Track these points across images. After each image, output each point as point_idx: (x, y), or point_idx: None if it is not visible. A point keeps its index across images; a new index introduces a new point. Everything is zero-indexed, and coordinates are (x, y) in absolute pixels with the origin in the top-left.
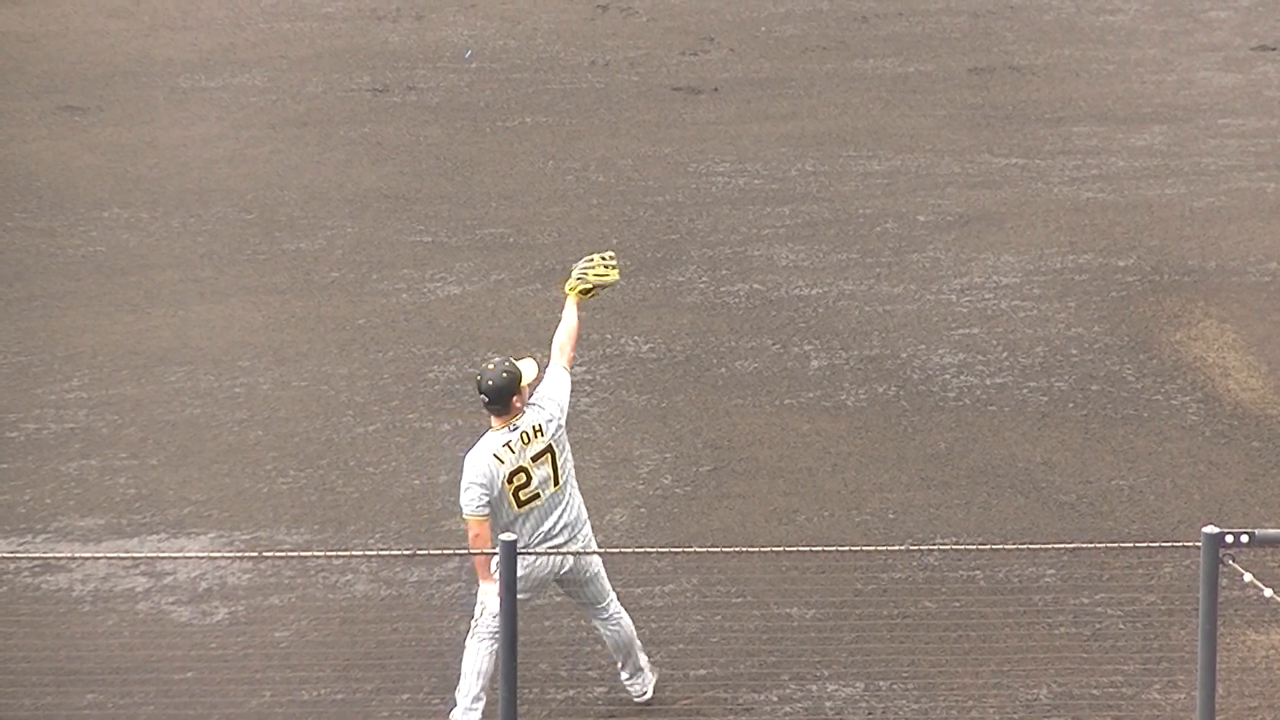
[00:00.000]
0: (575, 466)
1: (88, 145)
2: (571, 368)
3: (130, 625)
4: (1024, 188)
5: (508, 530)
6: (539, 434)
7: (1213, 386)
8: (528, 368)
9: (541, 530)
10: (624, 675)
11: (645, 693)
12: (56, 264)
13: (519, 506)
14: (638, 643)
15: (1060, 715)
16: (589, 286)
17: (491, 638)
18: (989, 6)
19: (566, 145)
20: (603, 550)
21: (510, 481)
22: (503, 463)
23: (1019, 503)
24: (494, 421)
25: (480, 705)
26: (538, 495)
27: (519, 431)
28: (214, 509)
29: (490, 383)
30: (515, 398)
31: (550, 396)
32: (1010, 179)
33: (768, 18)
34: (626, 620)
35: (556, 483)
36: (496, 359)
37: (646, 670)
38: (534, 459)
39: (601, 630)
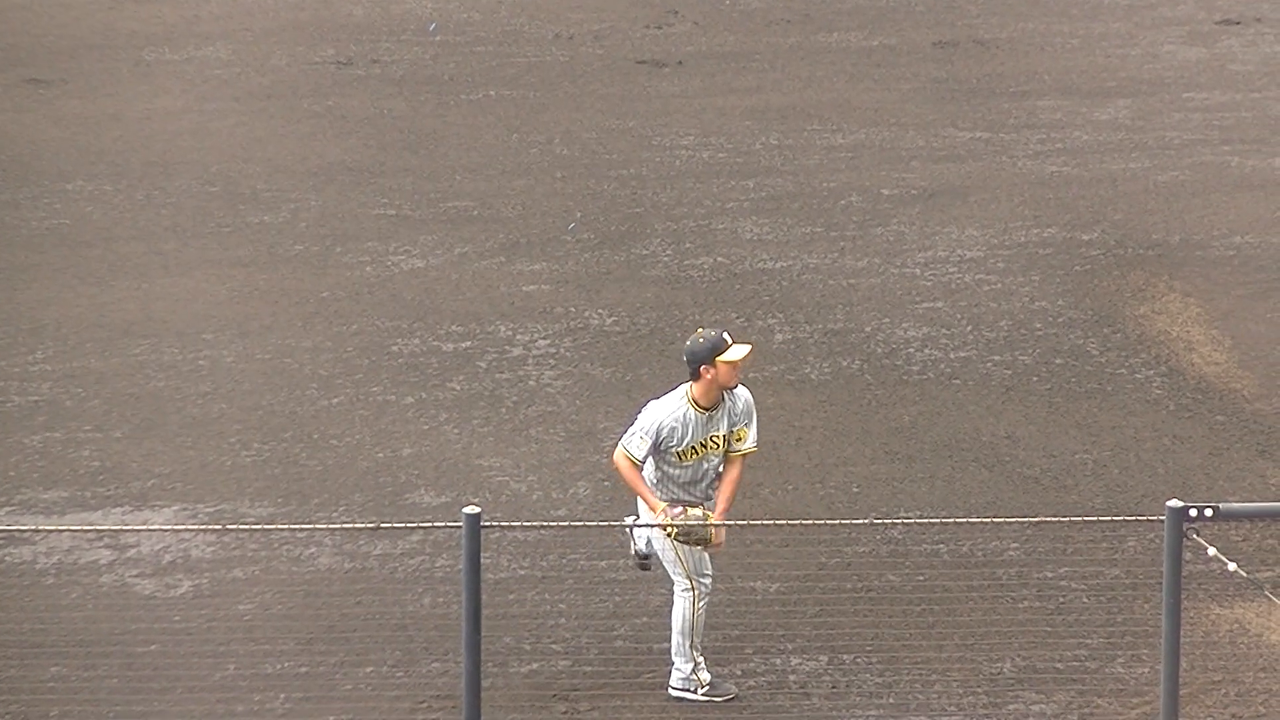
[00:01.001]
0: (539, 438)
1: (52, 118)
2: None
3: (94, 598)
4: (988, 161)
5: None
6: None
7: (1177, 360)
8: (738, 349)
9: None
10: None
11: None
12: (20, 237)
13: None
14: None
15: (1024, 689)
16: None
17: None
18: None
19: (531, 118)
20: (564, 524)
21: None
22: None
23: (983, 476)
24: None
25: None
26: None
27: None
28: (178, 482)
29: (688, 344)
30: (704, 367)
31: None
32: (975, 153)
33: None
34: (676, 608)
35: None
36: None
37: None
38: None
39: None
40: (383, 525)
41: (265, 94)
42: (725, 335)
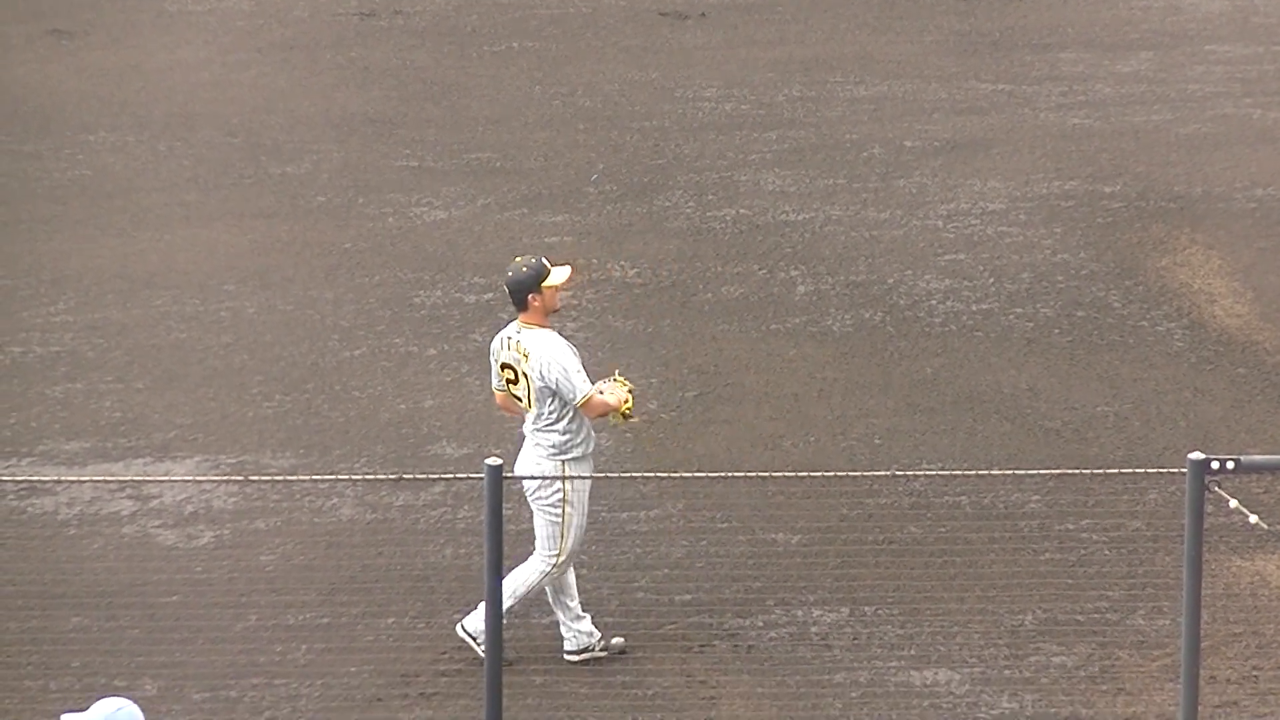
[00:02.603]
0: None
1: (74, 69)
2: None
3: (116, 549)
4: (1011, 114)
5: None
6: (525, 357)
7: (1198, 313)
8: (560, 272)
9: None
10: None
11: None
12: (42, 188)
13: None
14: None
15: (1045, 641)
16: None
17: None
18: None
19: (553, 70)
20: (589, 476)
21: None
22: (504, 348)
23: (1004, 429)
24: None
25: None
26: (520, 399)
27: (517, 341)
28: (199, 433)
29: (509, 274)
30: (532, 295)
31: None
32: (997, 105)
33: None
34: (527, 569)
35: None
36: (526, 257)
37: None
38: (505, 367)
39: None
40: (404, 477)
41: (287, 45)
42: (544, 261)
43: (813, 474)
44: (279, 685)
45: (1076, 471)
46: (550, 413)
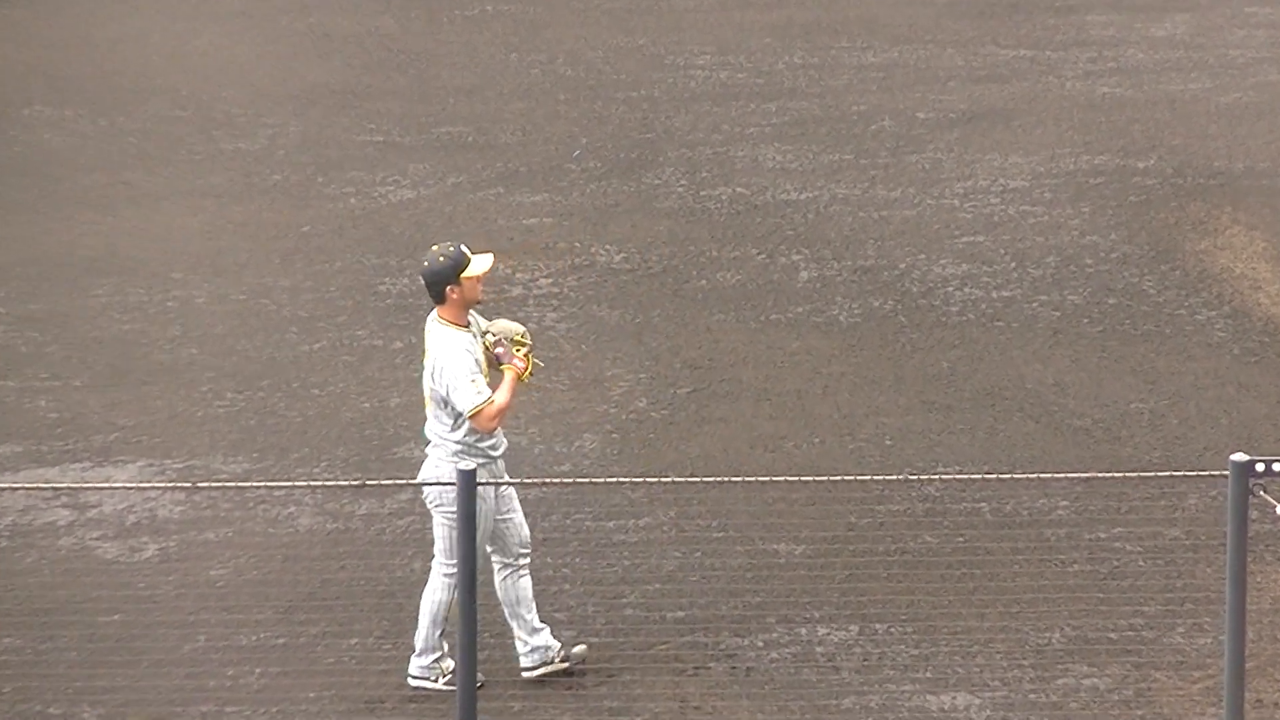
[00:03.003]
0: (540, 388)
1: (15, 40)
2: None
3: (51, 563)
4: (1034, 82)
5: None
6: (424, 354)
7: (1241, 300)
8: (481, 261)
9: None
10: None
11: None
12: None
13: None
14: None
15: (1075, 661)
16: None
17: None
18: None
19: (531, 36)
20: (572, 480)
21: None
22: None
23: (1028, 428)
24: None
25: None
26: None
27: (428, 336)
28: (144, 434)
29: (424, 264)
30: (450, 288)
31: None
32: (1019, 72)
33: None
34: (434, 593)
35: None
36: (444, 244)
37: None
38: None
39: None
40: (369, 482)
41: (242, 12)
42: (464, 249)
43: (818, 478)
44: (230, 713)
45: (1108, 475)
46: (447, 416)
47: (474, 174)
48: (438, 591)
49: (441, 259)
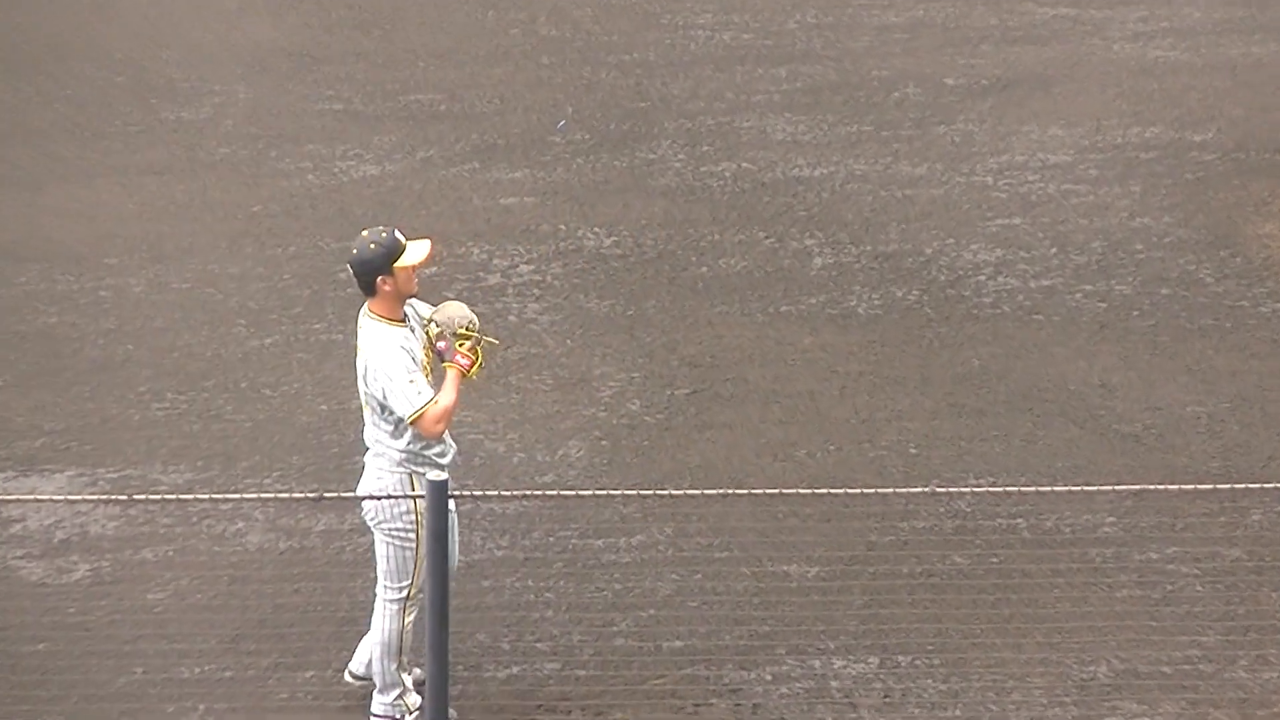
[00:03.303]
0: (521, 388)
1: None
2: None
3: None
4: (1076, 44)
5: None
6: (355, 352)
7: None
8: (417, 248)
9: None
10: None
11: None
12: None
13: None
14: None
15: (1123, 697)
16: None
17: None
18: None
19: None
20: (556, 493)
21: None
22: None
23: (1070, 434)
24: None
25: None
26: None
27: (359, 334)
28: (72, 441)
29: (354, 252)
30: (382, 279)
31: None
32: (1059, 33)
33: None
34: (382, 623)
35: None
36: (375, 230)
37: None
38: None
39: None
40: (326, 495)
41: None
42: (398, 234)
43: (833, 491)
44: None
45: (1160, 487)
46: (387, 421)
47: (446, 147)
48: (385, 620)
49: (373, 246)
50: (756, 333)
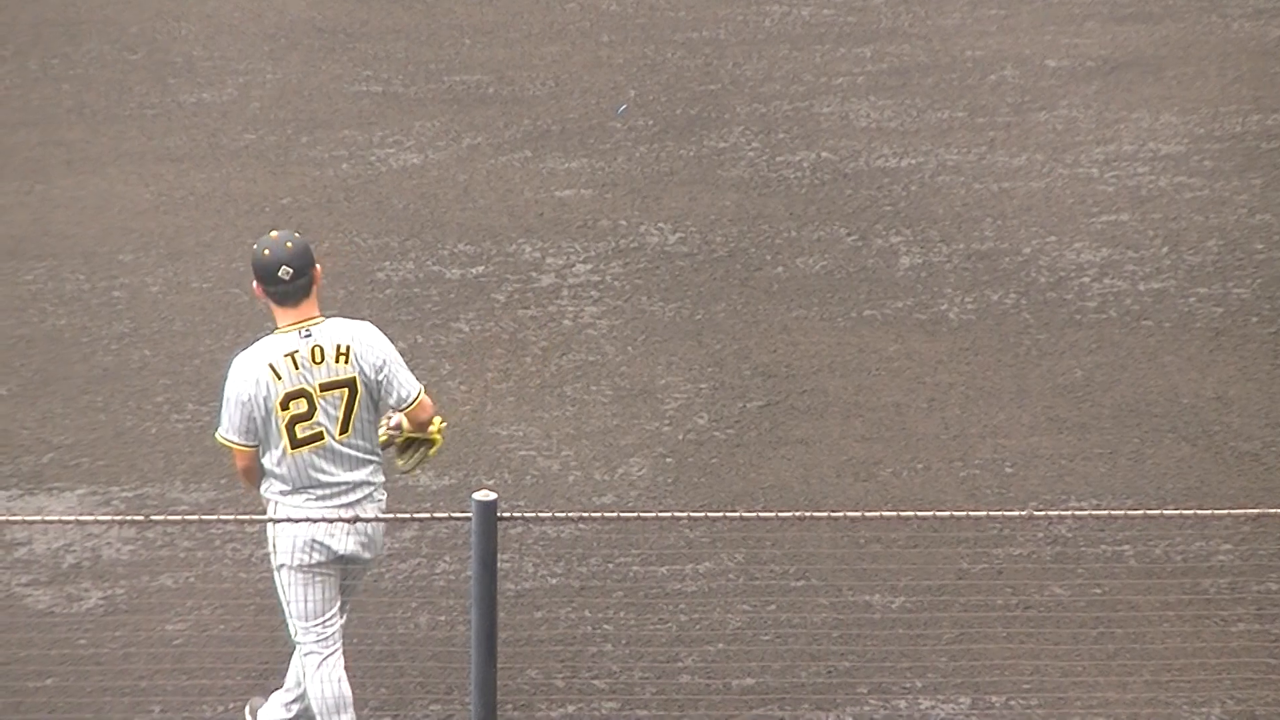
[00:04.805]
0: (578, 400)
1: None
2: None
3: None
4: (1191, 23)
5: (274, 474)
6: (343, 359)
7: None
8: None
9: (319, 484)
10: None
11: None
12: None
13: (293, 447)
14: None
15: None
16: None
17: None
18: None
19: None
20: (616, 515)
21: (284, 407)
22: (279, 378)
23: (1182, 452)
24: (278, 316)
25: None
26: (320, 436)
27: (313, 342)
28: (84, 455)
29: (266, 253)
30: (317, 271)
31: (372, 344)
32: (1172, 11)
33: None
34: (310, 682)
35: (346, 430)
36: (282, 231)
37: None
38: (324, 388)
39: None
40: (361, 516)
41: None
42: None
43: (920, 514)
44: None
45: None
46: (367, 424)
47: (495, 134)
48: (316, 678)
49: (299, 237)
50: (837, 339)
